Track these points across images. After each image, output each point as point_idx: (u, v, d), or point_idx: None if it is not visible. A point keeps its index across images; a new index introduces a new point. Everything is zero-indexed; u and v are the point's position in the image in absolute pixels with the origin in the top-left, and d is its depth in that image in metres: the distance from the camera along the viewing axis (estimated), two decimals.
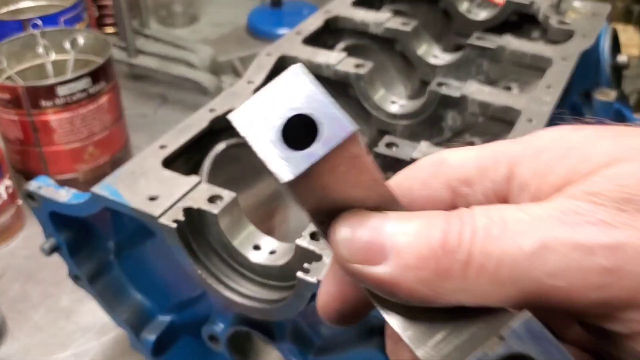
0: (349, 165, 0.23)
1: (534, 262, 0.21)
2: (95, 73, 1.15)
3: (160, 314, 0.85)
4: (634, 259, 0.20)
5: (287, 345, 0.74)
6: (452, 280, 0.22)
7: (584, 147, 0.23)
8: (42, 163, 1.20)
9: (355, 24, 1.03)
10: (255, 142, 0.23)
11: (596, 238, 0.20)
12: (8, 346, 0.98)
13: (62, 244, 0.80)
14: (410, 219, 0.23)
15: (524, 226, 0.21)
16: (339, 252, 0.24)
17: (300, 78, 0.23)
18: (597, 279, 0.20)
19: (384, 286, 0.23)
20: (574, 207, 0.21)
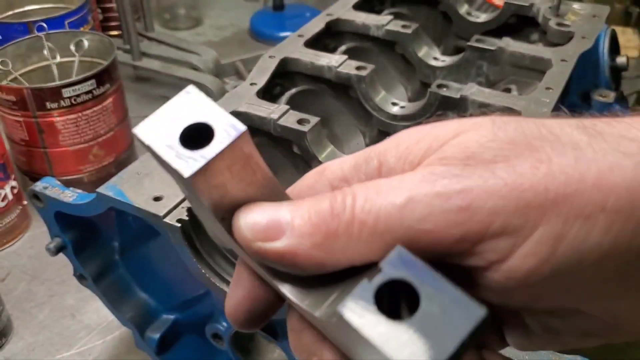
0: (243, 164, 0.26)
1: (404, 213, 0.25)
2: (100, 75, 1.17)
3: (164, 313, 0.86)
4: (480, 197, 0.24)
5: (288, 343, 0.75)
6: (340, 239, 0.25)
7: (434, 131, 0.28)
8: (47, 164, 1.21)
9: (357, 26, 1.04)
10: (157, 147, 0.26)
11: (451, 187, 0.25)
12: (13, 345, 0.99)
13: (67, 243, 0.81)
14: (301, 200, 0.27)
15: (394, 188, 0.26)
16: (242, 235, 0.27)
17: (193, 94, 0.27)
18: (456, 217, 0.24)
19: (285, 257, 0.26)
20: (431, 170, 0.26)
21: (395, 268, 0.23)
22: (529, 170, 0.24)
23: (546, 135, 0.25)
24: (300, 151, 0.81)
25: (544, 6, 1.04)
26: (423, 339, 0.21)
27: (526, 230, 0.24)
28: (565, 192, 0.24)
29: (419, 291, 0.22)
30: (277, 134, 0.81)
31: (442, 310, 0.21)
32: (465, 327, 0.21)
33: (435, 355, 0.20)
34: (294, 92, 0.95)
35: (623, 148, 0.24)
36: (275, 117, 0.80)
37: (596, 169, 0.24)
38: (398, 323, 0.21)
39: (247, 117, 0.82)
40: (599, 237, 0.24)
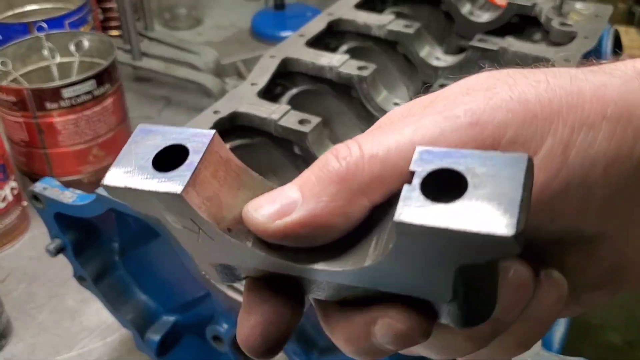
0: (225, 169, 0.26)
1: (415, 138, 0.24)
2: (100, 75, 1.16)
3: (164, 314, 0.86)
4: (487, 112, 0.25)
5: (290, 345, 0.75)
6: (355, 179, 0.24)
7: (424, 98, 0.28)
8: (47, 165, 1.20)
9: (358, 26, 1.03)
10: (136, 184, 0.24)
11: (458, 108, 0.25)
12: (13, 346, 0.98)
13: (67, 244, 0.80)
14: (303, 172, 0.26)
15: (399, 125, 0.25)
16: (256, 222, 0.25)
17: (147, 130, 0.26)
18: (467, 133, 0.24)
19: (307, 223, 0.24)
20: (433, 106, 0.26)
21: (426, 162, 0.22)
22: (530, 87, 0.25)
23: (538, 69, 0.27)
24: (301, 152, 0.81)
25: (546, 6, 1.04)
26: (488, 202, 0.20)
27: (536, 140, 0.24)
28: (567, 102, 0.25)
29: (458, 169, 0.21)
30: (277, 134, 0.81)
31: (489, 173, 0.21)
32: (519, 172, 0.21)
33: (508, 206, 0.20)
34: (295, 92, 0.94)
35: (609, 72, 0.26)
36: (276, 117, 0.80)
37: (591, 85, 0.25)
38: (458, 202, 0.20)
39: (247, 117, 0.81)
40: (604, 143, 0.24)
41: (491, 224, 0.20)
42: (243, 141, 0.83)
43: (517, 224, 0.20)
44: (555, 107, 0.25)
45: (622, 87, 0.25)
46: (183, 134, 0.25)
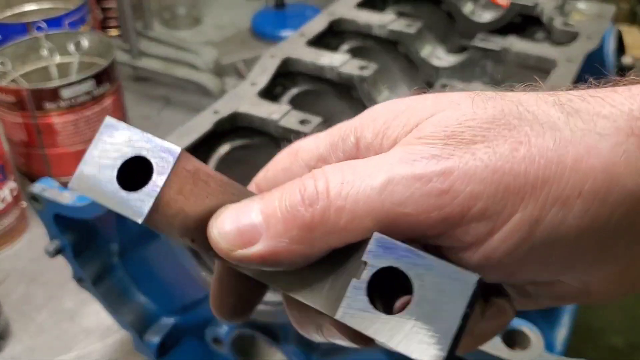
0: (193, 182, 0.25)
1: (384, 195, 0.24)
2: (99, 75, 1.16)
3: (164, 316, 0.85)
4: (460, 179, 0.24)
5: (291, 347, 0.74)
6: (319, 228, 0.25)
7: (411, 107, 0.27)
8: (46, 165, 1.20)
9: (359, 25, 1.03)
10: (101, 200, 0.25)
11: (431, 168, 0.24)
12: (12, 348, 0.98)
13: (66, 246, 0.80)
14: (270, 194, 0.26)
15: (371, 169, 0.25)
16: (219, 247, 0.26)
17: (114, 126, 0.25)
18: (435, 201, 0.24)
19: (267, 260, 0.26)
20: (409, 150, 0.25)
21: (379, 257, 0.23)
22: (509, 152, 0.24)
23: (524, 113, 0.25)
24: None
25: (548, 6, 1.03)
26: (426, 324, 0.21)
27: (505, 214, 0.24)
28: (544, 175, 0.24)
29: (408, 274, 0.22)
30: (278, 134, 0.80)
31: (436, 287, 0.21)
32: (463, 299, 0.21)
33: (442, 336, 0.21)
34: (295, 92, 0.93)
35: (599, 129, 0.24)
36: (277, 117, 0.79)
37: (574, 151, 0.24)
38: (398, 316, 0.21)
39: (247, 117, 0.80)
40: (575, 220, 0.24)
41: (422, 353, 0.21)
42: (243, 141, 0.83)
43: (446, 357, 0.21)
44: (530, 179, 0.24)
45: (608, 154, 0.24)
46: (149, 143, 0.25)
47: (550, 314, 0.81)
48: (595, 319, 1.06)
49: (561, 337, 0.78)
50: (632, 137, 0.24)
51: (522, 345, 0.56)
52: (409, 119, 0.27)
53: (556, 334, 0.79)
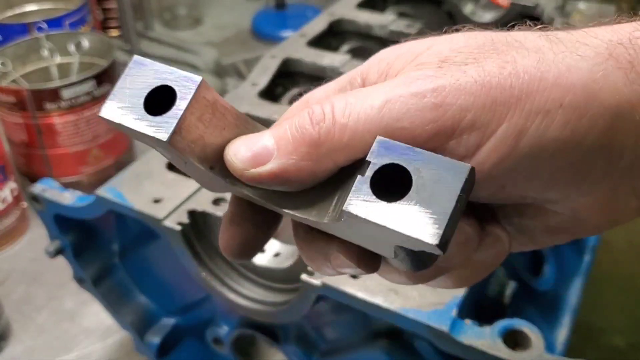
0: (212, 111, 0.28)
1: (383, 113, 0.26)
2: (100, 76, 1.16)
3: (164, 317, 0.85)
4: (452, 94, 0.26)
5: (291, 348, 0.74)
6: (324, 145, 0.27)
7: (412, 46, 0.30)
8: (46, 166, 1.20)
9: (359, 26, 1.03)
10: (128, 123, 0.27)
11: (425, 86, 0.27)
12: (12, 348, 0.98)
13: (66, 246, 0.80)
14: (281, 123, 0.29)
15: (373, 93, 0.27)
16: (234, 167, 0.28)
17: (141, 63, 0.28)
18: (430, 114, 0.26)
19: (278, 176, 0.28)
20: (406, 75, 0.28)
21: (381, 156, 0.25)
22: (496, 69, 0.26)
23: (512, 42, 0.28)
24: None
25: (549, 6, 1.03)
26: (425, 208, 0.23)
27: (492, 125, 0.26)
28: (528, 89, 0.26)
29: (407, 167, 0.24)
30: None
31: (432, 178, 0.24)
32: (457, 183, 0.23)
33: (439, 217, 0.23)
34: (296, 92, 0.93)
35: (581, 52, 0.27)
36: (277, 118, 0.79)
37: (556, 69, 0.26)
38: (399, 203, 0.24)
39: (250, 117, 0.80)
40: (557, 131, 0.26)
41: (421, 231, 0.23)
42: None
43: (442, 234, 0.23)
44: (515, 92, 0.26)
45: (587, 73, 0.26)
46: (173, 74, 0.27)
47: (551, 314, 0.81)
48: (595, 319, 1.06)
49: (562, 338, 0.78)
50: (611, 59, 0.27)
51: (522, 345, 0.56)
52: (409, 57, 0.29)
53: (556, 334, 0.79)
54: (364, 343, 0.68)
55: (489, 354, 0.54)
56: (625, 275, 1.16)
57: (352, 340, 0.70)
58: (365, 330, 0.68)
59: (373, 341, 0.67)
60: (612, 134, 0.26)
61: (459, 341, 0.55)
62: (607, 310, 1.08)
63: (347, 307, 0.63)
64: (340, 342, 0.72)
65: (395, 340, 0.65)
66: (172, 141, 0.26)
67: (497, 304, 0.69)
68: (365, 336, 0.68)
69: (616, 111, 0.26)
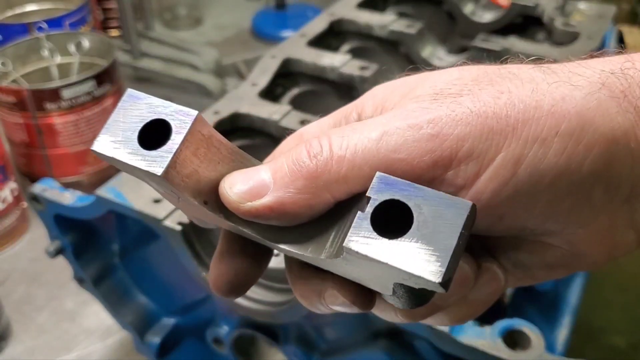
0: (207, 146, 0.27)
1: (380, 145, 0.27)
2: (100, 76, 1.16)
3: (164, 317, 0.85)
4: (448, 124, 0.26)
5: (291, 348, 0.74)
6: (321, 177, 0.27)
7: (406, 81, 0.31)
8: (46, 166, 1.20)
9: (360, 26, 1.03)
10: (121, 157, 0.26)
11: (422, 117, 0.27)
12: (12, 348, 0.98)
13: (66, 246, 0.80)
14: (277, 157, 0.29)
15: (368, 125, 0.28)
16: (230, 201, 0.28)
17: (135, 96, 0.27)
18: (427, 145, 0.26)
19: (274, 209, 0.28)
20: (402, 108, 0.28)
21: (381, 192, 0.25)
22: (492, 99, 0.27)
23: (506, 74, 0.28)
24: None
25: (549, 6, 1.03)
26: (426, 245, 0.23)
27: (490, 154, 0.26)
28: (523, 118, 0.26)
29: (408, 204, 0.24)
30: (278, 135, 0.80)
31: (434, 214, 0.24)
32: (459, 220, 0.23)
33: (441, 255, 0.23)
34: (296, 92, 0.93)
35: (574, 82, 0.27)
36: (277, 118, 0.79)
37: (550, 98, 0.27)
38: (400, 240, 0.23)
39: (248, 118, 0.80)
40: (554, 158, 0.26)
41: (424, 269, 0.23)
42: (244, 142, 0.83)
43: (445, 272, 0.23)
44: (511, 121, 0.26)
45: (582, 101, 0.26)
46: (168, 108, 0.27)
47: (551, 314, 0.81)
48: (595, 319, 1.06)
49: (562, 338, 0.78)
50: (604, 89, 0.27)
51: (522, 345, 0.56)
52: (404, 89, 0.30)
53: (557, 334, 0.79)
54: (364, 343, 0.68)
55: (489, 354, 0.54)
56: (625, 275, 1.16)
57: (352, 340, 0.70)
58: (366, 330, 0.68)
59: (373, 341, 0.67)
60: (608, 162, 0.26)
61: (459, 341, 0.55)
62: (607, 310, 1.08)
63: None
64: (340, 342, 0.72)
65: (395, 340, 0.65)
66: (167, 176, 0.26)
67: (497, 303, 0.69)
68: (365, 336, 0.68)
69: (611, 138, 0.26)
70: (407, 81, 0.30)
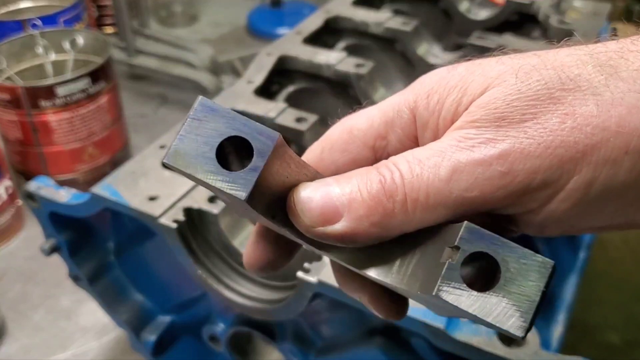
0: (280, 163, 0.27)
1: (452, 185, 0.27)
2: (95, 73, 1.15)
3: (160, 314, 0.85)
4: (518, 160, 0.27)
5: (288, 345, 0.74)
6: (396, 217, 0.28)
7: (461, 83, 0.29)
8: (41, 163, 1.19)
9: (356, 23, 1.03)
10: (200, 175, 0.26)
11: (489, 152, 0.27)
12: (8, 346, 0.98)
13: (62, 244, 0.80)
14: (347, 179, 0.29)
15: (435, 160, 0.27)
16: (302, 224, 0.28)
17: (211, 107, 0.27)
18: (499, 182, 0.27)
19: (345, 238, 0.28)
20: (464, 135, 0.28)
21: (470, 243, 0.26)
22: (557, 125, 0.27)
23: (566, 82, 0.27)
24: (299, 150, 0.80)
25: (545, 4, 1.03)
26: (512, 300, 0.25)
27: (562, 181, 0.27)
28: (592, 142, 0.26)
29: (496, 258, 0.25)
30: None
31: (519, 271, 0.25)
32: (542, 279, 0.25)
33: (524, 311, 0.25)
34: (291, 90, 0.93)
35: (638, 85, 0.26)
36: (273, 115, 0.79)
37: (616, 114, 0.26)
38: (488, 294, 0.25)
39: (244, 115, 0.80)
40: (624, 176, 0.26)
41: (509, 324, 0.25)
42: None
43: (527, 327, 0.25)
44: (580, 148, 0.26)
45: None
46: (247, 126, 0.26)
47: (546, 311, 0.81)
48: (591, 316, 1.06)
49: (557, 334, 0.78)
50: None
51: (518, 342, 0.56)
52: (461, 99, 0.29)
53: (552, 331, 0.79)
54: (360, 340, 0.68)
55: (485, 350, 0.54)
56: (620, 273, 1.17)
57: (349, 338, 0.70)
58: (362, 327, 0.68)
59: (369, 338, 0.67)
60: None
61: (455, 338, 0.55)
62: (602, 307, 1.09)
63: (344, 305, 0.63)
64: (336, 339, 0.72)
65: (392, 338, 0.65)
66: (250, 199, 0.26)
67: None
68: (361, 333, 0.68)
69: None
70: (463, 82, 0.29)
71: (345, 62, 0.91)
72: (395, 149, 0.32)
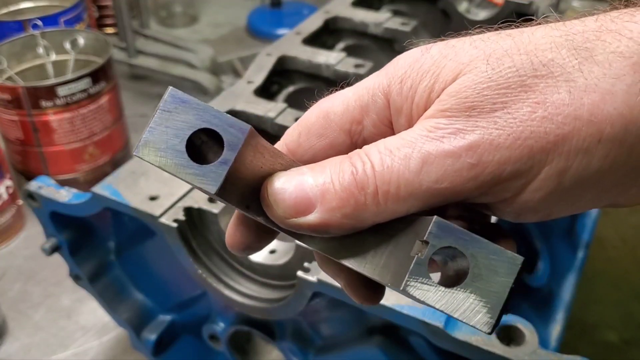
0: (253, 154, 0.27)
1: (422, 177, 0.27)
2: (96, 73, 1.16)
3: (160, 314, 0.85)
4: (487, 151, 0.26)
5: (287, 344, 0.74)
6: (368, 209, 0.28)
7: (434, 68, 0.29)
8: (42, 163, 1.20)
9: (355, 24, 1.03)
10: (169, 168, 0.26)
11: (459, 144, 0.26)
12: (9, 346, 0.98)
13: (62, 243, 0.80)
14: (321, 169, 0.29)
15: (406, 151, 0.27)
16: (276, 215, 0.29)
17: (181, 99, 0.26)
18: (468, 173, 0.26)
19: (318, 229, 0.28)
20: (435, 124, 0.27)
21: (439, 238, 0.26)
22: (528, 115, 0.26)
23: (539, 68, 0.26)
24: None
25: (543, 4, 1.04)
26: (479, 297, 0.25)
27: (534, 171, 0.26)
28: (563, 132, 0.26)
29: (465, 254, 0.25)
30: (274, 132, 0.80)
31: (487, 267, 0.25)
32: (510, 275, 0.25)
33: (492, 307, 0.25)
34: (291, 90, 0.94)
35: (614, 70, 0.25)
36: (273, 115, 0.79)
37: (589, 101, 0.25)
38: (455, 289, 0.25)
39: (244, 115, 0.81)
40: (598, 164, 0.26)
41: (477, 320, 0.25)
42: None
43: (494, 323, 0.25)
44: (551, 138, 0.26)
45: (623, 98, 0.25)
46: (218, 118, 0.26)
47: (545, 311, 0.82)
48: (589, 315, 1.06)
49: (555, 333, 0.79)
50: None
51: (516, 341, 0.56)
52: (433, 85, 0.29)
53: (550, 330, 0.79)
54: (359, 339, 0.69)
55: (484, 349, 0.55)
56: (618, 272, 1.17)
57: (348, 336, 0.70)
58: (361, 326, 0.68)
59: (368, 337, 0.67)
60: None
61: (453, 337, 0.55)
62: (600, 306, 1.09)
63: (343, 304, 0.63)
64: (335, 338, 0.72)
65: (391, 336, 0.66)
66: (220, 192, 0.25)
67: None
68: (360, 332, 0.68)
69: None
70: (436, 67, 0.29)
71: (344, 62, 0.91)
72: (370, 133, 0.32)
